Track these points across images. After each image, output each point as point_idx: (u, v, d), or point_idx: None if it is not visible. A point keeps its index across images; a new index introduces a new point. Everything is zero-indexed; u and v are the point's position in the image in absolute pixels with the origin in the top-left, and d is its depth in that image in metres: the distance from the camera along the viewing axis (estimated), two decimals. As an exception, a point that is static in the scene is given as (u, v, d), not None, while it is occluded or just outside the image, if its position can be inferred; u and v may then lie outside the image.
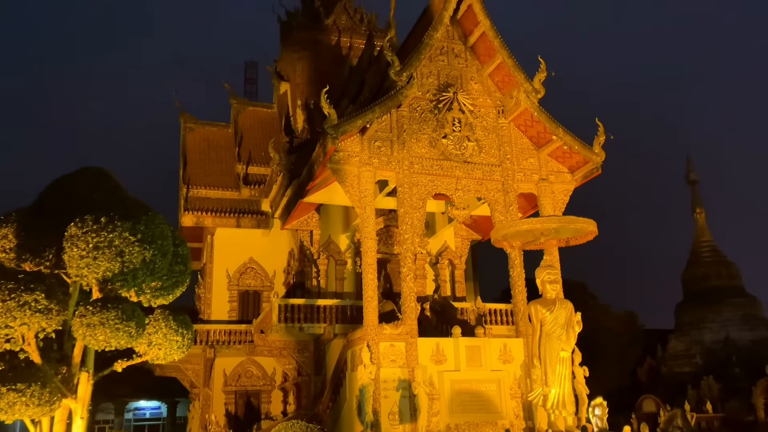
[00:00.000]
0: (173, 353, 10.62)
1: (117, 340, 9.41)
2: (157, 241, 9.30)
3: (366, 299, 15.50)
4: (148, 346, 10.44)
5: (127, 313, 9.23)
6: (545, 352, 12.19)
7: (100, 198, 9.63)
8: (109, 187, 10.18)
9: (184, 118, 27.92)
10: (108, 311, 9.07)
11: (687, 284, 45.62)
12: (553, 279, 12.50)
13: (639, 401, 32.03)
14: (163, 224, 9.79)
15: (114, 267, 8.88)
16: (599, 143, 17.52)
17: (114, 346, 9.67)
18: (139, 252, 8.98)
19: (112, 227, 8.94)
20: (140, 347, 10.51)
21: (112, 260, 8.85)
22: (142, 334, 9.78)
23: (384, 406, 14.67)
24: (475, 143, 17.29)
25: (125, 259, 8.90)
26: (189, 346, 10.94)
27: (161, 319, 10.40)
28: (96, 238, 8.99)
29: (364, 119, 15.66)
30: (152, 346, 10.41)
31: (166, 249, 9.59)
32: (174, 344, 10.47)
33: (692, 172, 47.79)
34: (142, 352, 10.71)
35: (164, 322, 10.36)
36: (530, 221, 12.80)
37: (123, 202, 9.64)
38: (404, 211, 16.24)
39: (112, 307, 9.12)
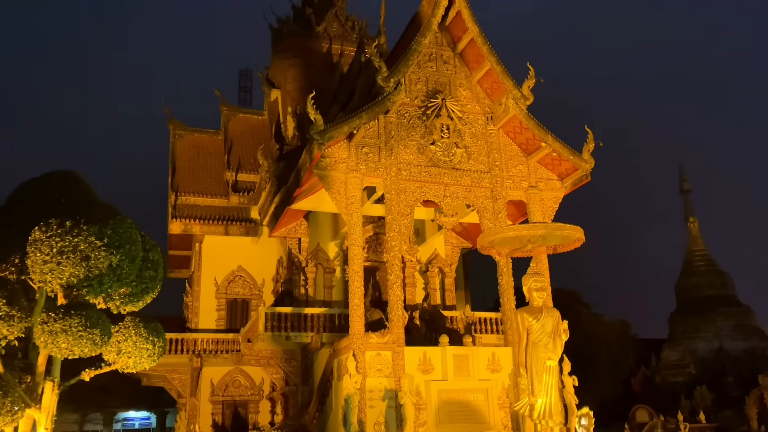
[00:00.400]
0: (143, 362, 10.35)
1: (80, 347, 9.14)
2: (124, 245, 9.05)
3: (352, 307, 15.27)
4: (117, 354, 10.16)
5: (91, 319, 8.97)
6: (531, 361, 11.96)
7: (68, 201, 9.39)
8: (78, 190, 9.93)
9: (173, 125, 27.73)
10: (71, 318, 8.82)
11: (680, 294, 45.55)
12: (539, 287, 12.28)
13: (632, 411, 31.82)
14: (132, 228, 9.53)
15: (79, 272, 8.62)
16: (588, 150, 17.39)
17: (78, 354, 9.40)
18: (106, 257, 8.73)
19: (77, 231, 8.69)
20: (109, 355, 10.24)
21: (77, 265, 8.59)
22: (107, 341, 9.52)
23: (370, 417, 14.42)
24: (463, 150, 17.13)
25: (91, 264, 8.64)
26: (160, 355, 10.67)
27: (131, 326, 10.14)
28: (60, 242, 8.72)
29: (351, 125, 15.49)
30: (121, 354, 10.13)
31: (135, 254, 9.35)
32: (144, 352, 10.21)
33: (685, 181, 47.85)
34: (111, 361, 10.44)
35: (134, 330, 10.09)
36: (516, 228, 12.63)
37: (91, 206, 9.37)
38: (392, 218, 16.05)
39: (76, 313, 8.87)
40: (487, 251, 13.51)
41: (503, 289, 16.47)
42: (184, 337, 22.30)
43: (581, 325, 37.78)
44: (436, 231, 21.46)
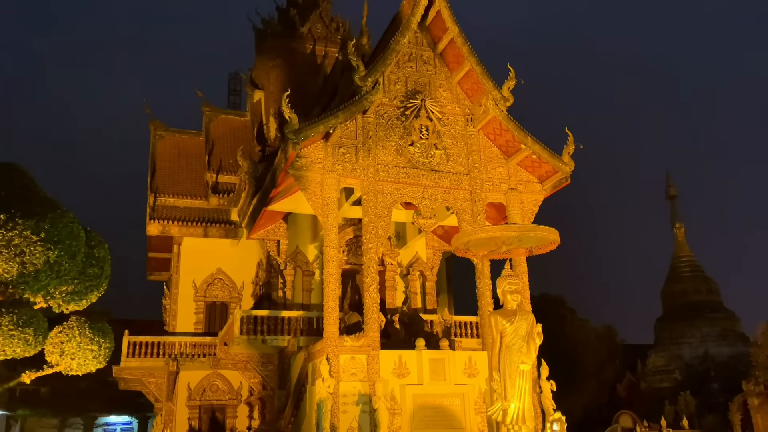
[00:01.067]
0: (88, 364, 10.00)
1: (12, 347, 8.78)
2: (64, 241, 8.70)
3: (327, 310, 15.00)
4: (60, 355, 9.79)
5: (23, 318, 8.63)
6: (505, 364, 11.70)
7: (7, 195, 9.00)
8: (20, 184, 9.54)
9: (154, 125, 27.38)
10: (1, 316, 8.46)
11: (666, 299, 45.51)
12: (514, 289, 12.04)
13: (616, 417, 31.62)
14: (74, 223, 9.18)
15: (12, 268, 8.25)
16: (569, 153, 17.23)
17: (10, 354, 9.05)
18: (42, 252, 8.37)
19: (11, 225, 8.32)
20: (51, 357, 9.88)
21: (11, 261, 8.22)
22: (42, 342, 9.16)
23: (343, 422, 14.13)
24: (443, 151, 16.93)
25: (25, 259, 8.26)
26: (107, 357, 10.33)
27: (75, 326, 9.79)
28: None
29: (327, 125, 15.25)
30: (65, 355, 9.77)
31: (75, 250, 9.00)
32: (89, 354, 9.86)
33: (672, 188, 47.92)
34: (53, 362, 10.07)
35: (78, 330, 9.74)
36: (490, 229, 12.39)
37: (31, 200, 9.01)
38: (368, 220, 15.81)
39: (7, 311, 8.52)
40: (462, 253, 13.26)
41: (481, 292, 16.26)
42: (160, 341, 21.93)
43: (566, 330, 37.68)
44: (417, 234, 21.23)
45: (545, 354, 38.06)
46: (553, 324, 37.64)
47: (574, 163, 17.15)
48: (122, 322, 33.47)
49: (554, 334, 38.09)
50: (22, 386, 43.15)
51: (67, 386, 39.79)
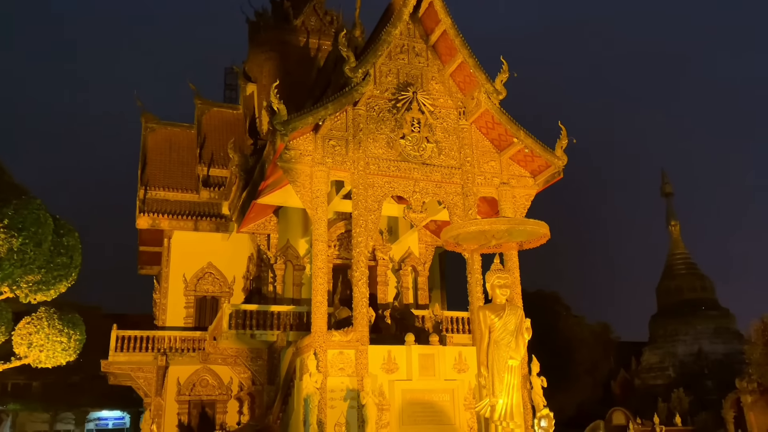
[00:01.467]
0: (57, 356, 9.77)
1: None
2: (29, 228, 8.40)
3: (315, 304, 14.81)
4: (29, 347, 9.55)
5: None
6: (493, 360, 11.52)
7: None
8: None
9: (145, 118, 27.13)
10: None
11: (661, 297, 45.46)
12: (503, 283, 11.85)
13: (609, 414, 31.59)
14: (41, 210, 8.90)
15: None
16: (561, 147, 17.04)
17: None
18: (5, 239, 8.08)
19: None
20: (19, 348, 9.65)
21: None
22: (6, 333, 8.92)
23: (330, 417, 13.94)
24: (434, 145, 16.72)
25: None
26: (78, 349, 10.09)
27: (44, 317, 9.54)
28: (-48, 223, 7.99)
29: (316, 116, 15.03)
30: (33, 347, 9.53)
31: (42, 237, 8.73)
32: (58, 346, 9.62)
33: (667, 185, 47.81)
34: (21, 354, 9.83)
35: (47, 321, 9.51)
36: (479, 222, 12.21)
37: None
38: (358, 214, 15.60)
39: None
40: (452, 247, 13.05)
41: (472, 287, 16.07)
42: (149, 335, 21.75)
43: (561, 326, 37.55)
44: (410, 229, 21.02)
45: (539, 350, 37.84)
46: (547, 320, 37.61)
47: (567, 158, 16.97)
48: (114, 316, 33.33)
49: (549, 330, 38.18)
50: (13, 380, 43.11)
51: (58, 381, 39.70)
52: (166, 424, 21.81)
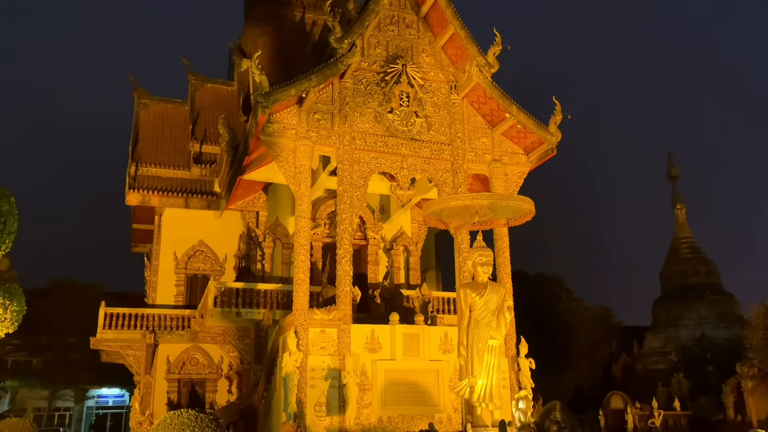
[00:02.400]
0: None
1: None
2: None
3: (296, 282, 14.44)
4: None
5: None
6: (473, 339, 11.16)
7: None
8: None
9: (138, 94, 26.71)
10: None
11: (665, 281, 44.90)
12: (485, 261, 11.46)
13: (607, 397, 31.25)
14: None
15: None
16: (555, 123, 16.50)
17: None
18: None
19: None
20: None
21: None
22: None
23: (310, 397, 13.65)
24: (423, 119, 16.22)
25: None
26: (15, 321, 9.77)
27: None
28: None
29: (299, 88, 14.56)
30: None
31: None
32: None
33: (673, 168, 47.06)
34: None
35: None
36: (459, 197, 11.77)
37: None
38: (343, 190, 15.17)
39: None
40: (435, 224, 12.64)
41: (460, 266, 15.66)
42: (137, 312, 21.52)
43: (560, 309, 37.17)
44: (401, 208, 20.59)
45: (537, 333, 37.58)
46: (547, 304, 37.22)
47: (561, 134, 16.44)
48: (114, 295, 33.25)
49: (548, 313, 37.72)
50: (13, 357, 43.20)
51: (57, 358, 39.81)
52: (156, 402, 21.63)
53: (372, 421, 13.83)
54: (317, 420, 13.53)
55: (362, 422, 13.74)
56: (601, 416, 30.29)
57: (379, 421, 13.89)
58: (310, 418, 13.50)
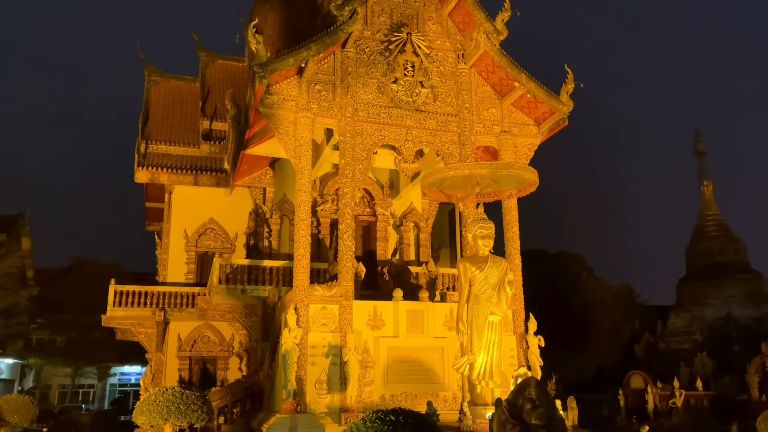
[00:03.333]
0: None
1: None
2: None
3: (296, 257, 14.11)
4: None
5: None
6: (473, 315, 10.74)
7: None
8: None
9: (148, 71, 26.53)
10: None
11: (690, 259, 43.82)
12: (485, 233, 10.99)
13: (627, 377, 30.64)
14: None
15: None
16: (567, 92, 15.80)
17: None
18: None
19: None
20: None
21: None
22: None
23: (311, 374, 13.38)
24: (429, 90, 15.66)
25: None
26: None
27: None
28: None
29: (298, 57, 14.10)
30: None
31: None
32: None
33: (701, 144, 45.72)
34: None
35: None
36: (458, 166, 11.27)
37: None
38: (345, 163, 14.74)
39: None
40: (436, 196, 12.19)
41: (466, 241, 15.14)
42: (147, 290, 21.49)
43: (581, 288, 36.49)
44: (411, 183, 20.10)
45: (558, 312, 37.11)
46: (567, 282, 36.56)
47: (573, 104, 15.75)
48: (134, 275, 33.48)
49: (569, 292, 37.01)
50: (38, 336, 43.95)
51: (80, 337, 40.41)
52: (167, 379, 21.67)
53: (374, 399, 13.51)
54: (318, 398, 13.28)
55: (364, 400, 13.43)
56: (621, 396, 29.75)
57: (381, 399, 13.57)
58: (310, 396, 13.24)
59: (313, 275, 17.54)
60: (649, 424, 26.15)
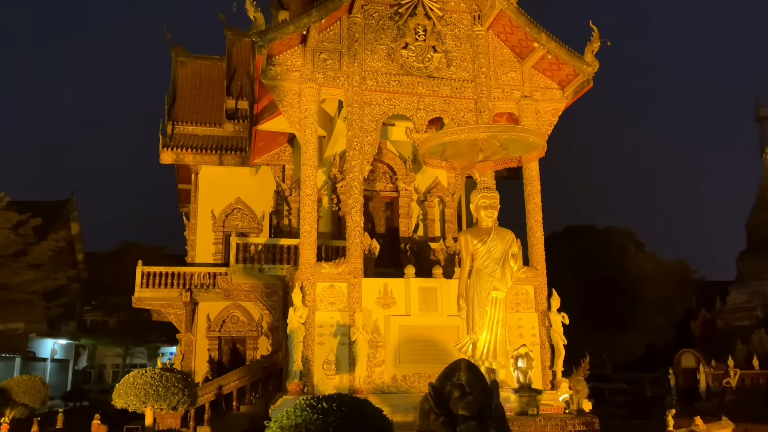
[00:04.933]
0: None
1: None
2: None
3: (302, 234, 13.63)
4: None
5: None
6: (474, 291, 10.00)
7: None
8: None
9: (175, 52, 26.41)
10: None
11: (751, 232, 41.23)
12: (488, 203, 10.20)
13: (678, 355, 29.14)
14: None
15: None
16: (592, 51, 14.63)
17: None
18: None
19: None
20: None
21: None
22: None
23: (318, 354, 12.91)
24: (442, 55, 14.78)
25: None
26: None
27: None
28: None
29: (298, 25, 13.45)
30: None
31: None
32: None
33: (762, 108, 42.92)
34: None
35: None
36: (454, 130, 10.41)
37: None
38: (353, 135, 14.08)
39: None
40: (438, 166, 11.42)
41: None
42: (174, 271, 21.50)
43: (627, 263, 34.89)
44: (435, 155, 19.27)
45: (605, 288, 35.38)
46: (612, 256, 35.02)
47: (599, 63, 14.58)
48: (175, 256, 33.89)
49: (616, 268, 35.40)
50: (92, 317, 45.31)
51: (130, 318, 41.43)
52: (197, 359, 21.73)
53: (385, 380, 12.98)
54: (326, 378, 12.82)
55: (374, 381, 12.91)
56: (671, 375, 28.37)
57: (392, 379, 13.02)
58: (318, 377, 12.79)
59: (332, 253, 17.11)
60: (699, 404, 24.81)
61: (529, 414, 8.64)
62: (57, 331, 38.95)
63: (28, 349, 33.53)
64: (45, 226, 31.17)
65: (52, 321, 35.69)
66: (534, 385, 13.14)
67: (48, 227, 33.79)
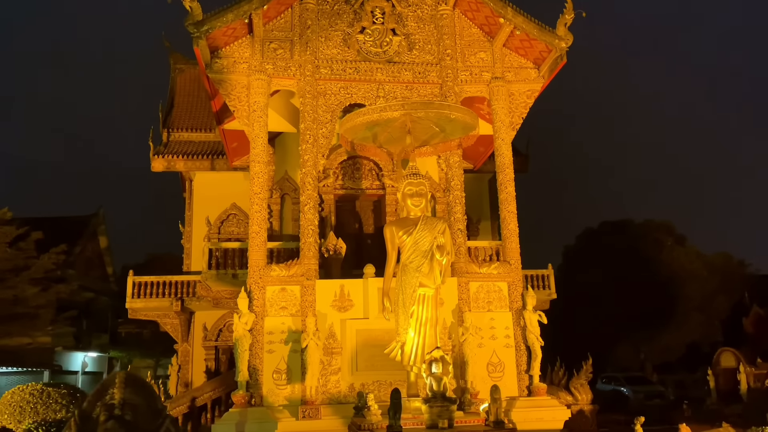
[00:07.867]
0: None
1: None
2: None
3: (251, 234, 12.81)
4: None
5: None
6: (399, 288, 8.92)
7: None
8: None
9: (173, 59, 26.17)
10: None
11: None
12: (414, 191, 9.15)
13: (716, 355, 26.96)
14: None
15: None
16: (564, 23, 13.32)
17: None
18: None
19: None
20: None
21: None
22: None
23: (267, 363, 12.05)
24: (402, 38, 13.75)
25: None
26: None
27: None
28: None
29: (238, 12, 12.66)
30: None
31: None
32: None
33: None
34: None
35: None
36: (366, 110, 9.35)
37: None
38: (305, 127, 13.20)
39: None
40: (373, 153, 10.41)
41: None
42: (163, 280, 21.01)
43: (663, 258, 32.67)
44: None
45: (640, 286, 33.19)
46: (649, 251, 32.88)
47: (572, 37, 13.24)
48: (200, 266, 33.78)
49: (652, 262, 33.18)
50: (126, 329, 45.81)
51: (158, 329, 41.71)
52: (194, 370, 21.22)
53: (342, 389, 11.99)
54: (276, 389, 11.93)
55: (329, 390, 11.94)
56: (710, 376, 26.27)
57: (350, 388, 12.01)
58: (267, 387, 11.93)
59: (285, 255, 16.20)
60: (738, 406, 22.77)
61: (440, 427, 7.53)
62: (87, 344, 39.41)
63: (55, 362, 33.92)
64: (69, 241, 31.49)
65: (79, 335, 36.05)
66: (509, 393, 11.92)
67: (72, 242, 34.21)
